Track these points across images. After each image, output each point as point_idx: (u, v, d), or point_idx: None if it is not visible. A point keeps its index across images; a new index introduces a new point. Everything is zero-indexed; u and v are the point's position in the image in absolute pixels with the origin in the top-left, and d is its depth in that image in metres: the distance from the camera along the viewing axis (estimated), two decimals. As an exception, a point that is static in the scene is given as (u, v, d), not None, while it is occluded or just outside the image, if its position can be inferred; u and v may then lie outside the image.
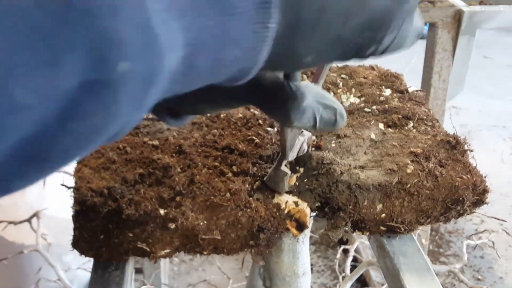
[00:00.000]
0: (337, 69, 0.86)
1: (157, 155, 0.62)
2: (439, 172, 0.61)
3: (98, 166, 0.61)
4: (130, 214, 0.55)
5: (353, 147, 0.66)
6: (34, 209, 1.21)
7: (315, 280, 2.06)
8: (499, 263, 2.16)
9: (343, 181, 0.60)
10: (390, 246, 0.64)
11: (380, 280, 1.87)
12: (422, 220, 0.62)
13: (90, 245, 0.58)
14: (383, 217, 0.61)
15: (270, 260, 0.74)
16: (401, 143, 0.66)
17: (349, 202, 0.60)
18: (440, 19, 1.76)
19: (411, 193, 0.60)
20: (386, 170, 0.61)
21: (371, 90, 0.79)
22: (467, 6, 1.75)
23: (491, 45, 4.33)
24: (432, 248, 2.22)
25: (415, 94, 0.79)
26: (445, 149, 0.65)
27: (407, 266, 0.62)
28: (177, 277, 2.09)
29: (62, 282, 1.19)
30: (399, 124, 0.71)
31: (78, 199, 0.56)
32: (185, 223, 0.55)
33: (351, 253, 1.60)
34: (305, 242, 0.73)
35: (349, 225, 0.62)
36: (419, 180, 0.60)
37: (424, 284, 0.60)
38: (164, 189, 0.58)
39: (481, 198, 0.62)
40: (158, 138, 0.66)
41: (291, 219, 0.60)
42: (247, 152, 0.64)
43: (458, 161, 0.63)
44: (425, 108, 0.75)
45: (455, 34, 1.77)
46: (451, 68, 1.81)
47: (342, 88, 0.80)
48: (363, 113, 0.74)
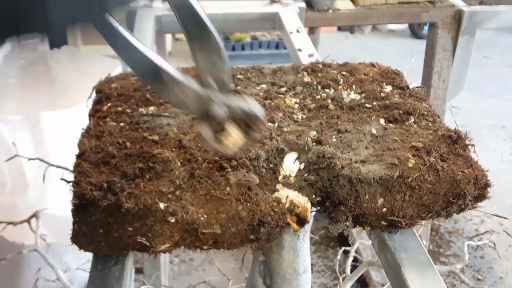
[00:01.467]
0: (337, 67, 0.86)
1: (157, 150, 0.62)
2: (440, 166, 0.60)
3: (98, 161, 0.60)
4: (129, 208, 0.54)
5: (354, 141, 0.66)
6: (34, 209, 1.21)
7: (315, 280, 2.05)
8: (499, 263, 2.15)
9: (344, 175, 0.60)
10: (391, 241, 0.63)
11: (380, 280, 1.86)
12: (424, 215, 0.61)
13: (90, 239, 0.57)
14: (384, 211, 0.61)
15: (271, 257, 0.74)
16: (402, 138, 0.66)
17: (350, 196, 0.60)
18: (440, 19, 1.76)
19: (412, 187, 0.60)
20: (387, 164, 0.61)
21: (372, 87, 0.79)
22: (467, 6, 1.75)
23: (491, 45, 4.33)
24: (432, 248, 2.22)
25: (415, 90, 0.79)
26: (447, 143, 0.65)
27: (408, 262, 0.61)
28: (177, 277, 2.08)
29: (61, 282, 1.18)
30: (400, 119, 0.71)
31: (77, 193, 0.56)
32: (185, 217, 0.55)
33: (352, 253, 1.59)
34: (305, 240, 0.73)
35: (350, 219, 0.61)
36: (420, 174, 0.60)
37: (426, 279, 0.60)
38: (164, 183, 0.57)
39: (482, 193, 0.61)
40: (158, 133, 0.66)
41: (292, 213, 0.60)
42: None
43: (460, 155, 0.63)
44: (426, 104, 0.75)
45: (455, 34, 1.77)
46: (451, 68, 1.81)
47: (342, 84, 0.80)
48: (364, 108, 0.74)
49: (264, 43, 4.10)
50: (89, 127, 0.67)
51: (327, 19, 1.73)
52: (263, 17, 1.47)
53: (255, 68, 0.84)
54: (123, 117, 0.70)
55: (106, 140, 0.64)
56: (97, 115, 0.71)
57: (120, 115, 0.70)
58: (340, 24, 2.18)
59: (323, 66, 0.86)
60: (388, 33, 4.72)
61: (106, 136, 0.65)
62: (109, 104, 0.73)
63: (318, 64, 0.86)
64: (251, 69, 0.84)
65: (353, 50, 4.29)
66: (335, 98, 0.75)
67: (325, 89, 0.79)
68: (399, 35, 4.66)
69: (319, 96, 0.76)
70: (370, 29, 4.70)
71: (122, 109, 0.72)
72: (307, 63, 0.87)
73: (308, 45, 1.20)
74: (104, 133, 0.65)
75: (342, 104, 0.74)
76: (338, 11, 1.72)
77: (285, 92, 0.78)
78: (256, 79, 0.81)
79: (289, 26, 1.34)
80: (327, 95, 0.77)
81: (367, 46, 4.46)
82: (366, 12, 1.74)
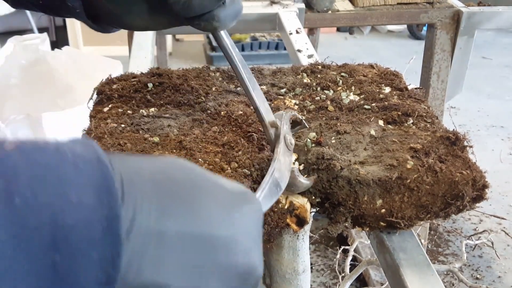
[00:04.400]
0: (336, 68, 0.87)
1: (157, 151, 0.62)
2: (438, 167, 0.61)
3: (99, 162, 0.61)
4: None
5: (353, 143, 0.66)
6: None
7: (315, 279, 2.06)
8: (497, 262, 2.16)
9: (343, 177, 0.61)
10: (390, 242, 0.64)
11: (379, 279, 1.87)
12: (422, 216, 0.62)
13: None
14: (383, 212, 0.61)
15: (270, 257, 0.74)
16: (401, 139, 0.67)
17: (349, 197, 0.61)
18: (439, 19, 1.76)
19: (411, 188, 0.60)
20: (386, 166, 0.62)
21: (370, 88, 0.80)
22: (466, 7, 1.76)
23: (489, 46, 4.34)
24: (431, 248, 2.23)
25: (414, 91, 0.80)
26: (445, 145, 0.65)
27: (407, 262, 0.62)
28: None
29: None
30: (399, 120, 0.71)
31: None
32: (186, 218, 0.56)
33: (351, 252, 1.60)
34: (305, 240, 0.73)
35: (349, 220, 0.62)
36: (419, 176, 0.60)
37: (424, 279, 0.60)
38: (165, 184, 0.58)
39: (480, 194, 0.62)
40: (159, 135, 0.67)
41: (291, 214, 0.61)
42: (247, 148, 0.64)
43: (458, 156, 0.63)
44: (424, 105, 0.75)
45: (454, 34, 1.78)
46: (449, 68, 1.82)
47: (342, 86, 0.81)
48: (363, 110, 0.74)
49: (264, 43, 4.11)
50: (90, 128, 0.68)
51: (327, 20, 1.74)
52: (263, 18, 1.48)
53: (255, 69, 0.85)
54: (124, 118, 0.70)
55: (107, 141, 0.65)
56: (98, 116, 0.71)
57: (121, 116, 0.71)
58: (339, 25, 2.19)
59: (322, 67, 0.86)
60: (387, 34, 4.73)
61: (107, 137, 0.65)
62: (110, 105, 0.74)
63: (318, 65, 0.87)
64: (251, 70, 0.85)
65: (352, 50, 4.30)
66: (334, 100, 0.76)
67: (324, 90, 0.80)
68: (398, 36, 4.67)
69: (318, 97, 0.77)
70: (369, 30, 4.71)
71: (123, 110, 0.72)
72: (307, 64, 0.88)
73: (308, 46, 1.21)
74: (105, 134, 0.66)
75: (341, 105, 0.75)
76: (337, 12, 1.73)
77: (284, 93, 0.79)
78: (256, 80, 0.82)
79: (288, 27, 1.35)
80: (326, 96, 0.77)
81: (366, 46, 4.47)
82: (365, 13, 1.75)
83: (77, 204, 0.31)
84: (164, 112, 0.72)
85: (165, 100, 0.74)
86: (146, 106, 0.73)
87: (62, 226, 0.30)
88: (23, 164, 0.30)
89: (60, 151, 0.32)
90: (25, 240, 0.29)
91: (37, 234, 0.29)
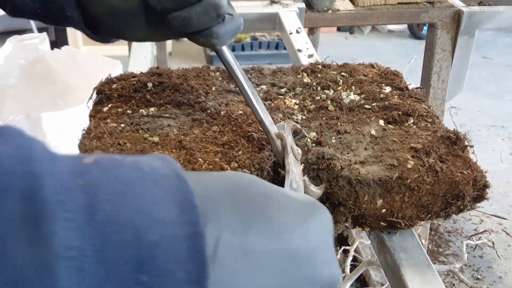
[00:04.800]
0: (337, 67, 0.87)
1: (157, 151, 0.62)
2: (439, 167, 0.61)
3: (99, 162, 0.61)
4: (130, 209, 0.55)
5: (353, 143, 0.66)
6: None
7: (315, 280, 2.06)
8: (498, 262, 2.16)
9: (344, 176, 0.60)
10: (391, 242, 0.64)
11: (379, 280, 1.87)
12: (423, 216, 0.62)
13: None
14: (383, 212, 0.61)
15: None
16: (402, 139, 0.66)
17: (350, 197, 0.61)
18: (439, 19, 1.76)
19: (411, 188, 0.60)
20: (386, 165, 0.61)
21: (371, 88, 0.79)
22: (466, 7, 1.76)
23: (490, 46, 4.34)
24: (431, 248, 2.22)
25: (415, 91, 0.79)
26: (446, 144, 0.65)
27: (407, 262, 0.62)
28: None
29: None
30: (399, 120, 0.71)
31: (78, 194, 0.56)
32: (186, 218, 0.55)
33: (351, 252, 1.60)
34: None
35: (350, 220, 0.62)
36: (419, 175, 0.60)
37: (425, 279, 0.60)
38: (165, 184, 0.58)
39: (481, 194, 0.62)
40: (159, 135, 0.66)
41: (292, 214, 0.60)
42: (247, 148, 0.64)
43: (459, 156, 0.63)
44: (425, 105, 0.75)
45: (454, 34, 1.77)
46: (450, 68, 1.82)
47: (342, 85, 0.81)
48: (363, 109, 0.74)
49: (264, 43, 4.11)
50: (90, 128, 0.68)
51: (327, 19, 1.74)
52: (263, 17, 1.48)
53: (255, 69, 0.85)
54: (124, 118, 0.70)
55: (107, 141, 0.65)
56: (98, 116, 0.71)
57: (121, 116, 0.71)
58: (339, 25, 2.19)
59: (322, 67, 0.86)
60: (387, 34, 4.73)
61: (107, 137, 0.65)
62: (110, 105, 0.73)
63: (318, 65, 0.86)
64: (251, 69, 0.85)
65: (353, 50, 4.30)
66: (334, 99, 0.76)
67: (324, 90, 0.79)
68: (398, 36, 4.66)
69: (318, 97, 0.77)
70: (369, 29, 4.71)
71: (123, 110, 0.72)
72: (307, 64, 0.88)
73: (308, 45, 1.20)
74: (104, 134, 0.66)
75: (341, 105, 0.75)
76: (337, 11, 1.73)
77: (285, 93, 0.78)
78: (256, 80, 0.82)
79: (288, 26, 1.35)
80: (326, 96, 0.77)
81: (367, 46, 4.47)
82: (366, 12, 1.74)
83: (161, 221, 0.29)
84: (164, 112, 0.72)
85: (165, 99, 0.74)
86: (145, 106, 0.73)
87: (147, 244, 0.28)
88: (103, 179, 0.29)
89: (138, 167, 0.31)
90: (108, 257, 0.27)
91: (121, 252, 0.28)
